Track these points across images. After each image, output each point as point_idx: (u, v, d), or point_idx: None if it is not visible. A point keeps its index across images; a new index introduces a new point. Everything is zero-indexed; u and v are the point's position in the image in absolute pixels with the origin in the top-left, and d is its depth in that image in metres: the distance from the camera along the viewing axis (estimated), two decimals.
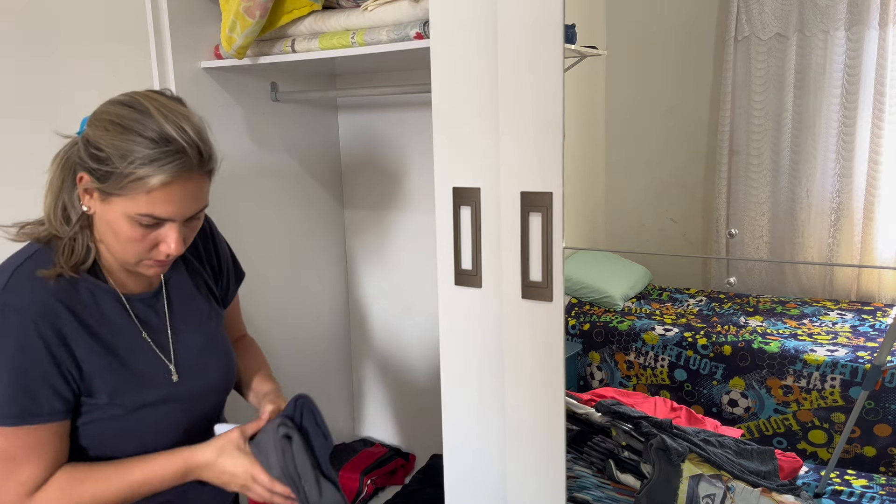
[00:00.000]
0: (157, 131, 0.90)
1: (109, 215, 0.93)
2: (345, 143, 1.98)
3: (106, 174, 0.90)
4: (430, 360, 1.96)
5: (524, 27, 0.96)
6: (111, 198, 0.92)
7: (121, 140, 0.89)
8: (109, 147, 0.89)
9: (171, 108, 0.94)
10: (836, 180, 1.44)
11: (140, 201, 0.91)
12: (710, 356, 1.58)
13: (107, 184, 0.90)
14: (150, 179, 0.89)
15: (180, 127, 0.91)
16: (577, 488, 1.33)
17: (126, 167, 0.88)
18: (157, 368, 1.03)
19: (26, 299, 0.92)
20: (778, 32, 1.43)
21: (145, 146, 0.89)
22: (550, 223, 0.99)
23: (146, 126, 0.90)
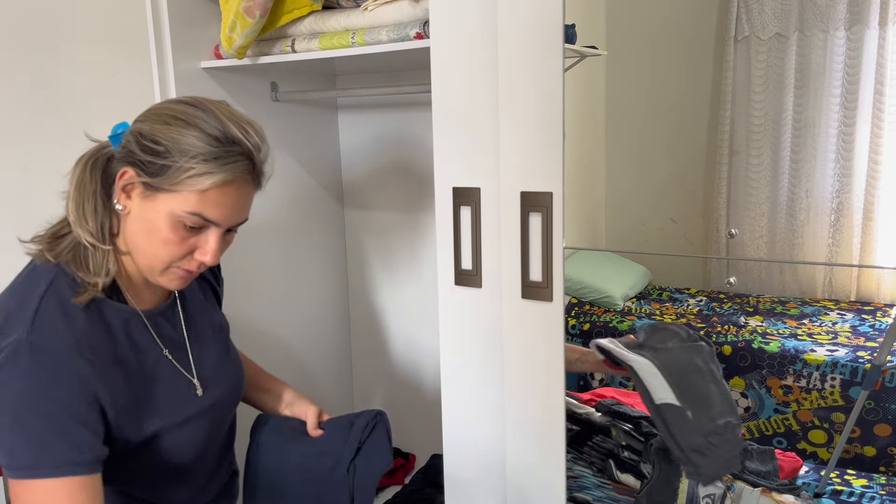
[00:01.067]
0: (223, 131, 0.87)
1: (150, 213, 0.88)
2: (345, 143, 1.98)
3: (161, 167, 0.86)
4: (430, 360, 1.96)
5: (524, 27, 0.96)
6: (158, 193, 0.87)
7: (183, 134, 0.86)
8: (169, 140, 0.86)
9: (235, 113, 0.92)
10: (836, 180, 1.44)
11: (191, 199, 0.86)
12: None
13: (159, 178, 0.86)
14: (210, 177, 0.86)
15: (246, 131, 0.89)
16: (577, 488, 1.33)
17: (186, 161, 0.85)
18: (182, 387, 1.00)
19: (57, 338, 0.85)
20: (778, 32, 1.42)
21: (208, 143, 0.86)
22: (550, 223, 0.99)
23: (210, 124, 0.87)
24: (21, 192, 1.40)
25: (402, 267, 1.96)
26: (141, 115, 0.93)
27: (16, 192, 1.39)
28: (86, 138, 1.47)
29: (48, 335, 0.84)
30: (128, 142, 0.90)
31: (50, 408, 0.82)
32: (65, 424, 0.83)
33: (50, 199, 1.43)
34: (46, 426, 0.82)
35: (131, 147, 0.89)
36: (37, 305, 0.86)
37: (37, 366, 0.83)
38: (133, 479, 0.98)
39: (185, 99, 0.92)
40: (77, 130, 1.47)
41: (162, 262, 0.92)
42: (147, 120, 0.90)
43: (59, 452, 0.82)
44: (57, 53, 1.42)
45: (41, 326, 0.85)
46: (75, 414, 0.84)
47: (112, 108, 1.53)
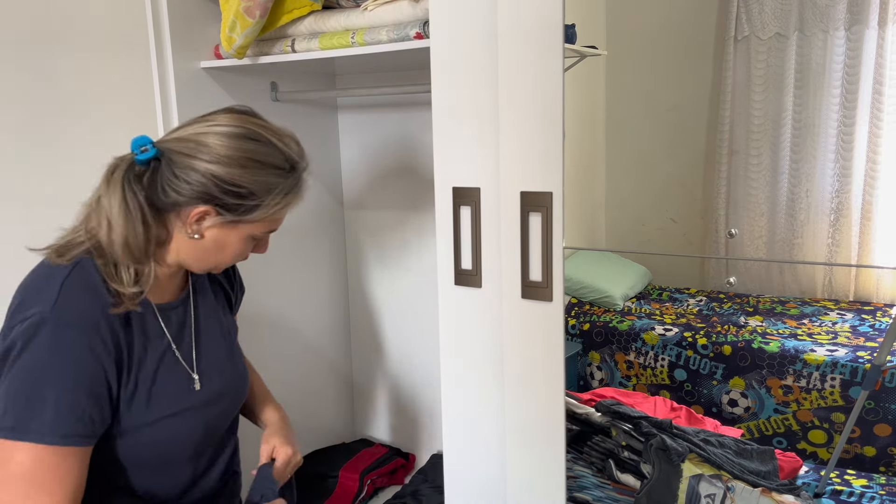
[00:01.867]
0: (285, 158, 0.97)
1: (228, 237, 0.99)
2: (345, 142, 1.98)
3: (250, 208, 0.95)
4: (430, 360, 1.96)
5: (524, 27, 0.96)
6: (239, 224, 0.97)
7: (261, 174, 0.95)
8: (251, 183, 0.94)
9: (276, 129, 0.99)
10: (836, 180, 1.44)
11: (266, 223, 0.99)
12: (710, 356, 1.58)
13: (247, 215, 0.96)
14: (290, 205, 0.99)
15: (297, 151, 0.99)
16: (577, 488, 1.33)
17: (272, 199, 0.96)
18: (182, 380, 1.04)
19: (79, 314, 0.90)
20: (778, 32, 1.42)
21: (282, 176, 0.96)
22: (550, 223, 0.99)
23: (275, 157, 0.96)
24: (21, 193, 1.40)
25: (401, 267, 1.96)
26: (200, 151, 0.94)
27: (15, 193, 1.39)
28: (83, 137, 1.47)
29: (71, 312, 0.90)
30: (202, 185, 0.93)
31: (64, 379, 0.87)
32: (75, 397, 0.88)
33: (50, 199, 1.43)
34: (58, 396, 0.87)
35: (209, 190, 0.93)
36: (61, 284, 0.92)
37: (57, 339, 0.88)
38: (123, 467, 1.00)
39: (241, 132, 0.95)
40: (77, 130, 1.47)
41: (224, 265, 1.03)
42: (218, 163, 0.93)
43: (65, 422, 0.87)
44: (57, 53, 1.42)
45: (65, 303, 0.90)
46: (86, 388, 0.89)
47: (112, 109, 1.53)
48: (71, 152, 1.46)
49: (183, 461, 1.05)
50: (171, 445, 1.02)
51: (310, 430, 1.98)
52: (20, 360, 0.87)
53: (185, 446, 1.04)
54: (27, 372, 0.87)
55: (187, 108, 1.52)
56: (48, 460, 0.87)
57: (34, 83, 1.39)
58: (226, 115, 0.98)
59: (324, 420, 2.03)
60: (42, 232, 1.40)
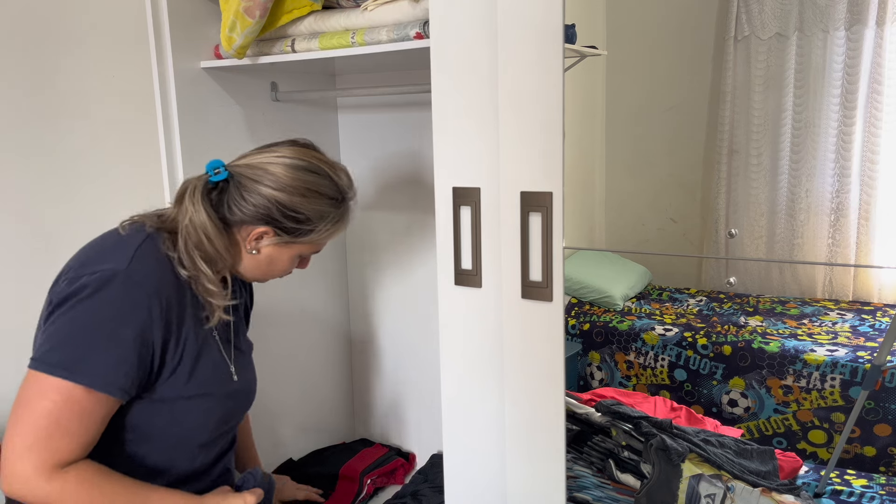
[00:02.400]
0: (338, 190, 1.10)
1: (281, 255, 1.11)
2: (345, 143, 1.98)
3: (305, 232, 1.08)
4: (430, 360, 1.96)
5: (524, 27, 0.96)
6: (294, 244, 1.10)
7: (319, 204, 1.07)
8: (309, 211, 1.07)
9: (330, 162, 1.12)
10: (836, 180, 1.44)
11: (316, 244, 1.13)
12: (710, 356, 1.58)
13: (300, 237, 1.09)
14: (339, 231, 1.12)
15: (347, 182, 1.12)
16: (577, 488, 1.33)
17: (325, 225, 1.09)
18: (221, 366, 1.12)
19: (148, 278, 0.98)
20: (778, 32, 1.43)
21: (335, 205, 1.09)
22: (550, 223, 0.99)
23: (331, 188, 1.09)
24: (20, 193, 1.40)
25: (401, 267, 1.96)
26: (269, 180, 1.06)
27: (15, 193, 1.39)
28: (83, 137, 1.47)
29: (142, 273, 0.98)
30: (266, 208, 1.05)
31: (121, 332, 0.94)
32: (126, 351, 0.94)
33: (49, 199, 1.44)
34: (112, 346, 0.93)
35: (272, 213, 1.06)
36: (137, 247, 1.00)
37: (124, 294, 0.95)
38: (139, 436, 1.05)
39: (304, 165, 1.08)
40: (77, 131, 1.47)
41: (272, 278, 1.16)
42: (283, 190, 1.05)
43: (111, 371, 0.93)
44: (56, 53, 1.42)
45: (138, 265, 0.98)
46: (138, 347, 0.96)
47: (112, 108, 1.53)
48: (71, 152, 1.46)
49: (194, 446, 1.11)
50: (192, 426, 1.08)
51: (310, 430, 1.98)
52: (82, 305, 0.94)
53: (202, 431, 1.10)
54: (88, 317, 0.93)
55: (187, 108, 1.52)
56: (81, 403, 0.92)
57: (34, 83, 1.39)
58: (290, 147, 1.11)
59: (324, 420, 2.03)
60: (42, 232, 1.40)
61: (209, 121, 1.57)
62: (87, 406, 0.93)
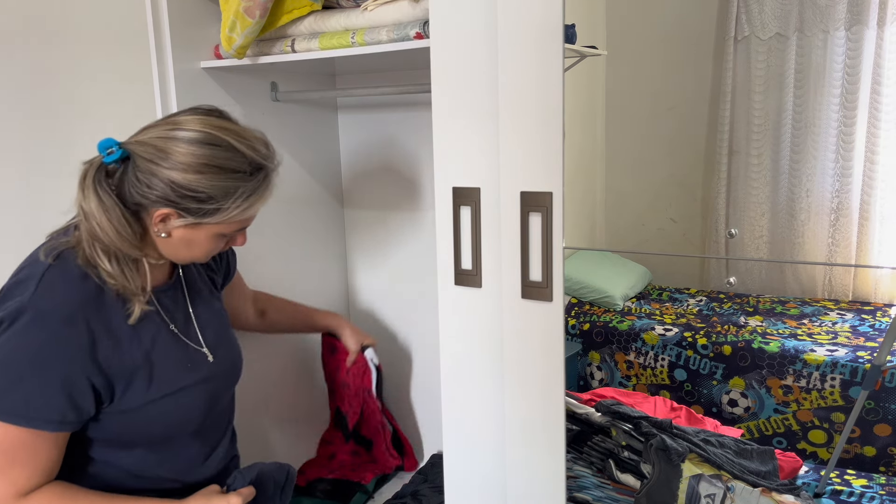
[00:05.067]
0: (247, 161, 0.97)
1: (195, 236, 1.00)
2: (345, 142, 1.98)
3: (210, 211, 0.97)
4: (430, 360, 1.96)
5: (524, 27, 0.96)
6: (203, 225, 0.99)
7: (220, 180, 0.95)
8: (209, 188, 0.95)
9: (239, 132, 0.99)
10: (836, 180, 1.44)
11: (234, 222, 1.01)
12: (710, 356, 1.58)
13: (208, 218, 0.97)
14: (254, 206, 1.00)
15: (260, 152, 0.99)
16: (577, 488, 1.33)
17: (232, 202, 0.97)
18: (188, 356, 1.07)
19: (57, 305, 0.92)
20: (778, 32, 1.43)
21: (244, 180, 0.97)
22: (550, 223, 0.99)
23: (236, 161, 0.96)
24: (20, 193, 1.40)
25: (401, 267, 1.95)
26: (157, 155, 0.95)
27: (15, 193, 1.39)
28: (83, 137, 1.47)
29: (49, 302, 0.92)
30: (162, 189, 0.95)
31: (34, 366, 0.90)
32: (44, 383, 0.90)
33: (49, 199, 1.43)
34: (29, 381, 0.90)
35: (167, 195, 0.95)
36: (41, 275, 0.95)
37: (35, 327, 0.90)
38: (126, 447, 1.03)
39: (200, 137, 0.95)
40: (76, 131, 1.47)
41: (201, 259, 1.06)
42: (174, 168, 0.94)
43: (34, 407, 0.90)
44: (56, 53, 1.42)
45: (43, 293, 0.93)
46: (59, 377, 0.91)
47: (112, 109, 1.53)
48: (71, 152, 1.46)
49: (185, 440, 1.08)
50: (175, 421, 1.05)
51: (310, 432, 1.98)
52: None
53: (188, 422, 1.07)
54: (4, 354, 0.90)
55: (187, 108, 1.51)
56: (18, 438, 0.90)
57: (34, 83, 1.39)
58: (190, 116, 0.99)
59: (324, 419, 2.03)
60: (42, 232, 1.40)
61: None
62: (26, 440, 0.90)
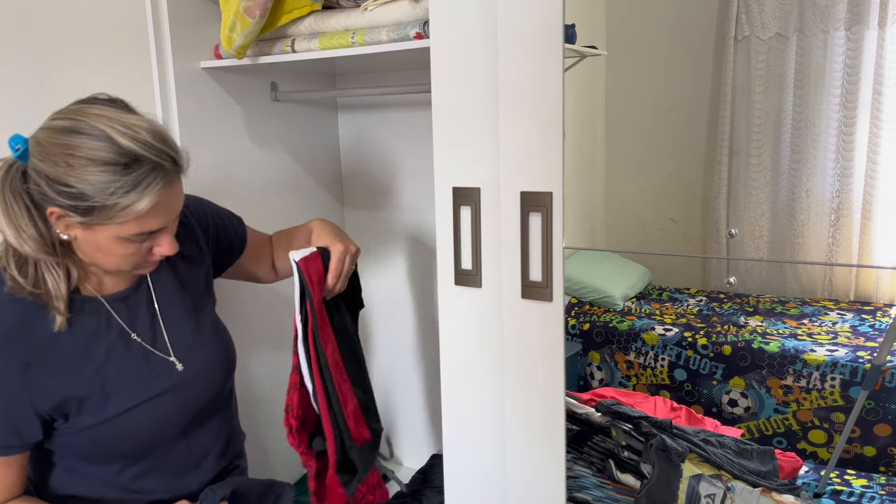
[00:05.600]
0: (124, 153, 0.83)
1: (97, 240, 0.89)
2: (345, 142, 1.98)
3: (88, 209, 0.84)
4: (430, 360, 1.96)
5: (524, 27, 0.96)
6: (95, 227, 0.87)
7: (89, 173, 0.82)
8: (79, 182, 0.82)
9: (123, 119, 0.85)
10: (837, 180, 1.44)
11: (130, 224, 0.87)
12: (710, 356, 1.58)
13: (91, 216, 0.85)
14: (139, 204, 0.84)
15: (143, 141, 0.85)
16: (577, 488, 1.33)
17: (109, 199, 0.83)
18: (151, 365, 1.01)
19: None
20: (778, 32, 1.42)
21: (120, 173, 0.83)
22: (550, 223, 0.99)
23: (106, 149, 0.82)
24: None
25: (401, 267, 1.95)
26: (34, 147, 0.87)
27: None
28: None
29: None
30: (38, 183, 0.86)
31: None
32: None
33: None
34: None
35: (45, 191, 0.85)
36: None
37: None
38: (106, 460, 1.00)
39: (69, 125, 0.85)
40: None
41: (128, 266, 0.95)
42: (46, 161, 0.84)
43: None
44: (56, 53, 1.42)
45: None
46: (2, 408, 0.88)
47: None
48: None
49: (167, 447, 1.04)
50: (148, 434, 1.00)
51: None
52: None
53: (164, 432, 1.02)
54: None
55: (187, 108, 1.52)
56: None
57: (34, 83, 1.39)
58: (75, 105, 0.89)
59: None
60: None
61: (209, 121, 1.57)
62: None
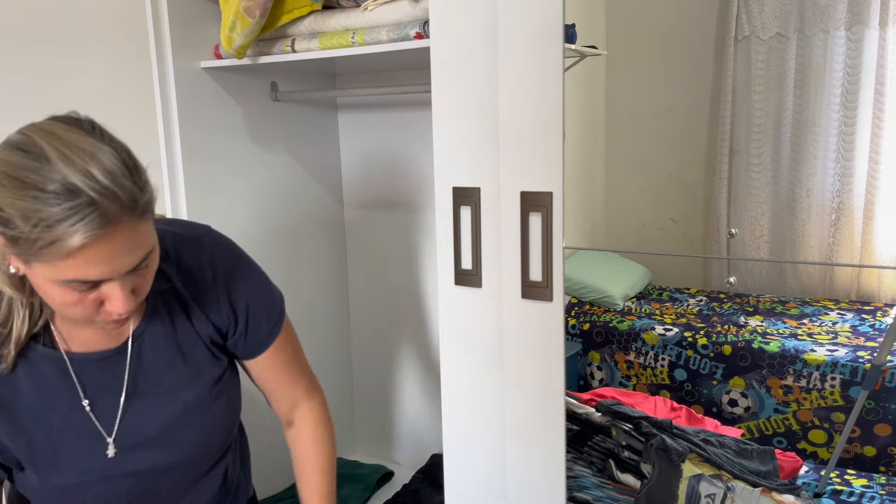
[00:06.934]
0: (60, 182, 0.70)
1: (36, 280, 0.76)
2: (345, 142, 1.98)
3: (14, 239, 0.71)
4: (430, 360, 1.96)
5: (524, 27, 0.96)
6: (31, 263, 0.73)
7: (20, 198, 0.70)
8: (9, 206, 0.70)
9: (76, 145, 0.73)
10: (837, 180, 1.44)
11: (61, 267, 0.72)
12: (710, 356, 1.58)
13: (17, 248, 0.72)
14: (64, 243, 0.70)
15: (87, 172, 0.71)
16: (577, 488, 1.33)
17: (31, 231, 0.69)
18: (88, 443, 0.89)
19: None
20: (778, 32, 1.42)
21: (49, 203, 0.69)
22: (550, 223, 0.99)
23: (46, 176, 0.70)
24: None
25: (401, 267, 1.96)
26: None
27: None
28: None
29: None
30: None
31: None
32: None
33: None
34: None
35: None
36: None
37: None
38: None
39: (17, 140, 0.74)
40: None
41: (81, 319, 0.81)
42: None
43: None
44: (56, 53, 1.42)
45: None
46: None
47: (112, 109, 1.53)
48: None
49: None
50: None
51: None
52: None
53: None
54: None
55: (187, 108, 1.52)
56: None
57: (34, 83, 1.39)
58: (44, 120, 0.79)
59: None
60: None
61: (209, 121, 1.57)
62: None
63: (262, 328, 1.02)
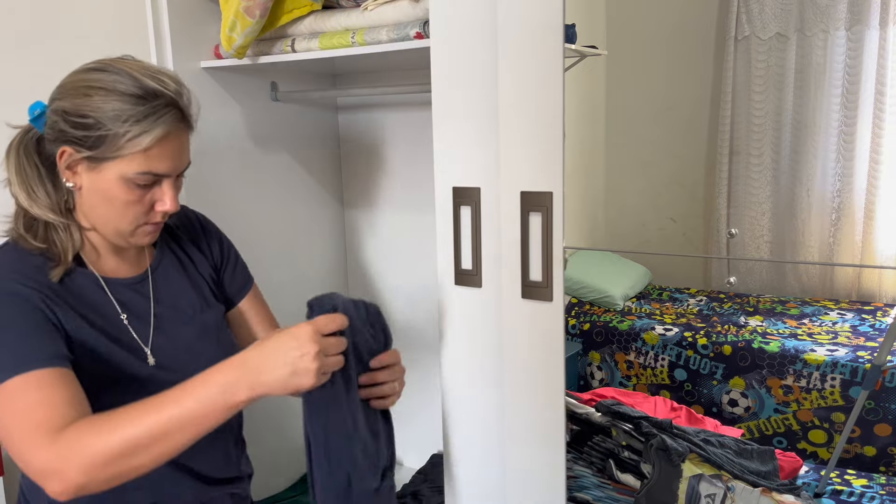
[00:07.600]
0: (143, 87, 0.90)
1: (102, 183, 0.92)
2: (345, 142, 1.98)
3: (99, 139, 0.88)
4: (430, 360, 1.96)
5: (524, 27, 0.96)
6: (103, 164, 0.90)
7: (106, 101, 0.88)
8: (95, 111, 0.88)
9: (146, 65, 0.94)
10: (837, 180, 1.44)
11: (137, 160, 0.90)
12: (710, 356, 1.58)
13: (100, 148, 0.89)
14: (148, 135, 0.89)
15: (162, 81, 0.92)
16: (577, 488, 1.33)
17: (121, 127, 0.88)
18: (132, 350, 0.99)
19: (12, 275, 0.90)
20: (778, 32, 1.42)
21: (135, 103, 0.89)
22: (550, 223, 0.99)
23: (129, 85, 0.90)
24: None
25: (402, 267, 1.95)
26: (55, 92, 0.95)
27: None
28: None
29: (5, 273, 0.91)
30: (54, 122, 0.92)
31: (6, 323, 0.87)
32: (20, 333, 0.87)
33: None
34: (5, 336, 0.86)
35: (60, 126, 0.91)
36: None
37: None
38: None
39: (94, 65, 0.94)
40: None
41: (129, 224, 0.96)
42: (66, 97, 0.92)
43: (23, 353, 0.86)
44: (56, 53, 1.42)
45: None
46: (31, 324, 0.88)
47: None
48: None
49: None
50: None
51: None
52: None
53: None
54: None
55: None
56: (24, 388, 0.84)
57: (34, 83, 1.39)
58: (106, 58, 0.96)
59: None
60: None
61: (209, 121, 1.57)
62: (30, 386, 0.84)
63: (242, 268, 1.22)
